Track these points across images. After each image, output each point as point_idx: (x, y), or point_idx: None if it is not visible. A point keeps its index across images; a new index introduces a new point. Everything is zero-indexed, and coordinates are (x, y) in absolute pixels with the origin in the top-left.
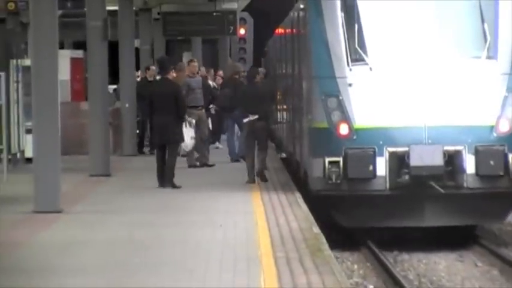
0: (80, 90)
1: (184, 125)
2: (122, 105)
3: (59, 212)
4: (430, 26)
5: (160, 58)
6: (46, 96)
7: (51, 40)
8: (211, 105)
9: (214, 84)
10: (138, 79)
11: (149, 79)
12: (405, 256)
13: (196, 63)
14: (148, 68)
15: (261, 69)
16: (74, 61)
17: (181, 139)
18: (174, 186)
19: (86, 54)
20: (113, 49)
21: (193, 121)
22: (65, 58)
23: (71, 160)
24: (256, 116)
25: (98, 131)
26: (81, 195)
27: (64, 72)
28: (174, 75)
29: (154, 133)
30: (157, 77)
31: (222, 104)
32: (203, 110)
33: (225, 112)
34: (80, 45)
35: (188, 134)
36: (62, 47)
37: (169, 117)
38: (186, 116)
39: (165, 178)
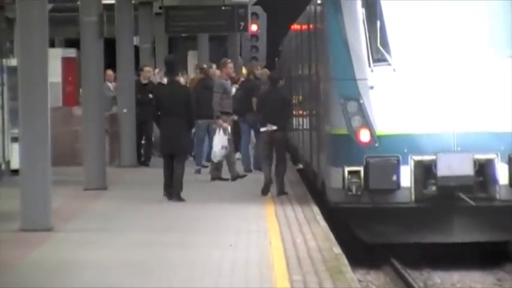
0: (72, 94)
1: (217, 131)
2: (119, 111)
3: (49, 230)
4: (459, 23)
5: (168, 58)
6: (35, 100)
7: (41, 38)
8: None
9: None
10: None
11: (143, 82)
12: (436, 279)
13: (232, 65)
14: (141, 69)
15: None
16: (66, 61)
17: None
18: (180, 199)
19: (79, 53)
20: (110, 47)
21: (229, 128)
22: (55, 58)
23: (63, 172)
24: (274, 127)
25: (93, 139)
26: (74, 212)
27: (55, 73)
28: (181, 79)
29: (162, 142)
30: (156, 79)
31: (233, 107)
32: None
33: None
34: (72, 43)
35: (220, 143)
36: (52, 45)
37: (178, 125)
38: (221, 122)
39: (174, 189)
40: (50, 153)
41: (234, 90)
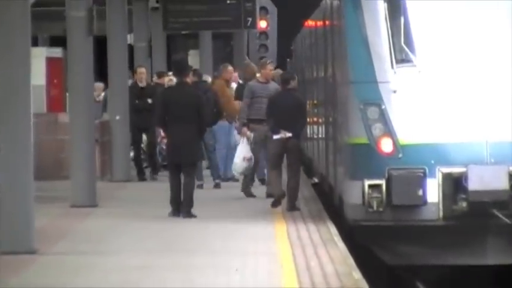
0: (58, 98)
1: (241, 141)
2: (111, 117)
3: (32, 253)
4: (493, 21)
5: (177, 58)
6: (15, 106)
7: (22, 35)
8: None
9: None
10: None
11: (140, 85)
12: None
13: (271, 66)
14: (134, 71)
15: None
16: (51, 61)
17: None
18: (190, 215)
19: (65, 52)
20: (100, 46)
21: (252, 135)
22: (39, 58)
23: (47, 187)
24: (289, 134)
25: (81, 149)
26: (61, 232)
27: (38, 75)
28: (189, 79)
29: (170, 151)
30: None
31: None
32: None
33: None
34: (58, 41)
35: (242, 154)
36: (35, 43)
37: (188, 132)
38: (245, 130)
39: (184, 206)
40: (32, 165)
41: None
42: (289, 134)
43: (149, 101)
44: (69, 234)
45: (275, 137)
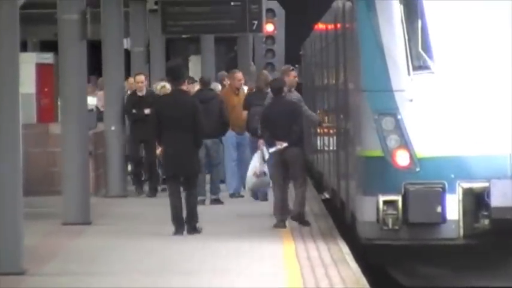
0: (49, 108)
1: (256, 154)
2: (106, 128)
3: (21, 273)
4: None
5: (172, 64)
6: (2, 115)
7: (10, 39)
8: None
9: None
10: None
11: (139, 94)
12: None
13: (294, 73)
14: (127, 79)
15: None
16: (42, 68)
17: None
18: (195, 231)
19: (57, 58)
20: (95, 51)
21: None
22: (28, 64)
23: (38, 203)
24: (285, 144)
25: (74, 163)
26: (52, 251)
27: (28, 83)
28: (185, 87)
29: (166, 163)
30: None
31: (252, 126)
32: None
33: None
34: (49, 46)
35: (253, 168)
36: (24, 48)
37: (184, 142)
38: (261, 142)
39: (188, 221)
40: (21, 180)
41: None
42: (285, 144)
43: (146, 111)
44: (60, 254)
45: (271, 150)
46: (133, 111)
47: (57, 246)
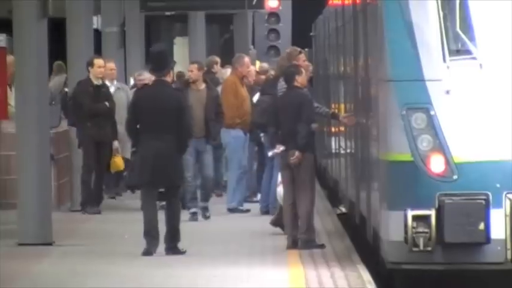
0: (1, 100)
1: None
2: (71, 126)
3: None
4: None
5: (156, 50)
6: None
7: None
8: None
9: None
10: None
11: (95, 82)
12: None
13: (304, 56)
14: (91, 64)
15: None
16: None
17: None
18: (177, 251)
19: (11, 40)
20: (57, 32)
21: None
22: None
23: None
24: (282, 148)
25: (32, 169)
26: (4, 279)
27: None
28: (169, 77)
29: (142, 169)
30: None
31: (256, 121)
32: None
33: (261, 132)
34: (2, 25)
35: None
36: None
37: (167, 144)
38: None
39: (167, 239)
40: None
41: (257, 96)
42: (282, 148)
43: (106, 104)
44: (15, 282)
45: (270, 153)
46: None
47: (11, 272)
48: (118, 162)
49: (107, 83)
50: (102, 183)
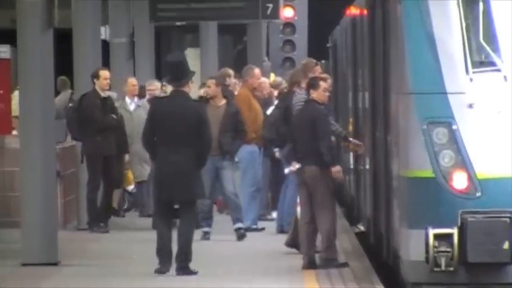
0: (5, 115)
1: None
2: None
3: None
4: None
5: (174, 59)
6: None
7: None
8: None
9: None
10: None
11: (102, 95)
12: None
13: (320, 68)
14: (97, 76)
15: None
16: None
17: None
18: (189, 271)
19: (15, 52)
20: (64, 43)
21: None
22: None
23: None
24: (297, 165)
25: (37, 186)
26: None
27: None
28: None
29: (159, 185)
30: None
31: (265, 136)
32: None
33: (272, 148)
34: (5, 36)
35: None
36: None
37: (185, 158)
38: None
39: (178, 259)
40: None
41: (271, 109)
42: (297, 166)
43: (114, 116)
44: None
45: (286, 170)
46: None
47: None
48: (130, 177)
49: (127, 99)
50: (111, 200)
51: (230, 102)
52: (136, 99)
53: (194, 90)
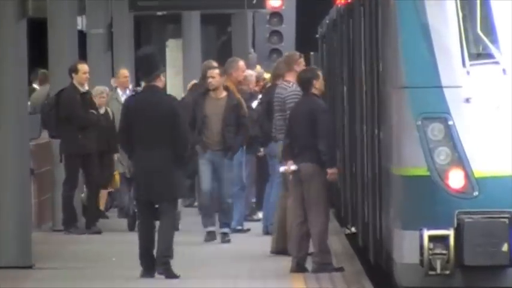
0: None
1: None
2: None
3: None
4: None
5: (143, 53)
6: None
7: None
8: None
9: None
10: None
11: (81, 90)
12: None
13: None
14: (75, 70)
15: None
16: None
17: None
18: (171, 274)
19: None
20: (38, 34)
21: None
22: None
23: None
24: (293, 167)
25: (9, 185)
26: None
27: None
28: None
29: (137, 185)
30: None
31: (251, 133)
32: None
33: (257, 146)
34: None
35: None
36: None
37: (160, 156)
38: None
39: (159, 260)
40: None
41: (255, 103)
42: (293, 167)
43: (94, 112)
44: None
45: (281, 169)
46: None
47: None
48: (117, 178)
49: (119, 91)
50: (97, 200)
51: (231, 95)
52: (128, 91)
53: (178, 83)
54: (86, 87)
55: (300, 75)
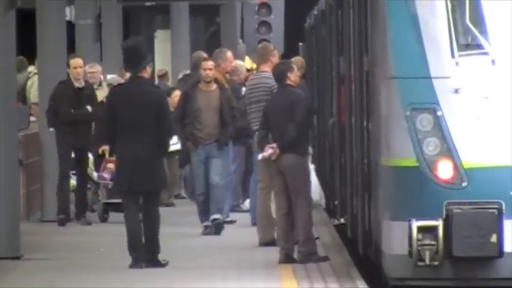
0: None
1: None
2: (42, 129)
3: None
4: None
5: (129, 44)
6: None
7: None
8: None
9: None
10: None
11: (76, 85)
12: None
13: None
14: (68, 65)
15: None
16: None
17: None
18: (158, 263)
19: None
20: (26, 24)
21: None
22: None
23: None
24: (270, 151)
25: None
26: None
27: None
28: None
29: (121, 175)
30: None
31: (238, 124)
32: None
33: (245, 137)
34: None
35: None
36: None
37: (145, 147)
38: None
39: (146, 251)
40: None
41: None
42: (270, 151)
43: (89, 108)
44: None
45: (260, 156)
46: (72, 110)
47: None
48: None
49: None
50: (85, 192)
51: (222, 86)
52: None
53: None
54: (83, 83)
55: (274, 68)
